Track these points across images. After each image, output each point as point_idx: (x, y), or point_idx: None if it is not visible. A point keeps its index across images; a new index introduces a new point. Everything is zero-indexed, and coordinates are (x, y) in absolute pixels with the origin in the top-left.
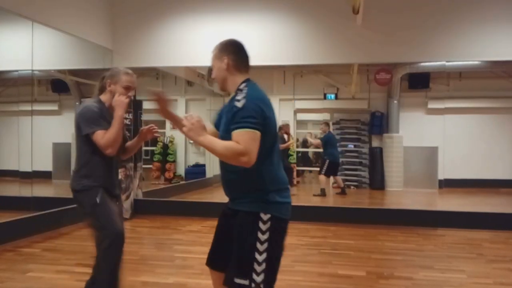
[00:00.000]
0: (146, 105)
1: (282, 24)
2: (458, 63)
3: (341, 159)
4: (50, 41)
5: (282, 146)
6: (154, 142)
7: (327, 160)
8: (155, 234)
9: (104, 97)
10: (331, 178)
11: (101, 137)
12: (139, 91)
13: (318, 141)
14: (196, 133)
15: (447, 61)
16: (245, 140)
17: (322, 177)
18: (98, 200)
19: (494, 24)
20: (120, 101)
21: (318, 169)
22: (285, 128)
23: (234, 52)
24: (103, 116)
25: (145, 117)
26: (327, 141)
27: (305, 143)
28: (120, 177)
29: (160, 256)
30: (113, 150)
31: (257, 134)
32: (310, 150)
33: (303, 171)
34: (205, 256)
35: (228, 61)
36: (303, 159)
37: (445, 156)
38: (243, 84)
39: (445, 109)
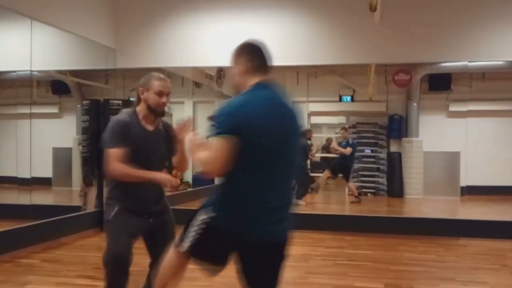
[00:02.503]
0: None
1: (295, 22)
2: (481, 63)
3: (358, 165)
4: (49, 40)
5: (313, 153)
6: None
7: (351, 167)
8: None
9: (139, 108)
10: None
11: (113, 157)
12: None
13: (350, 149)
14: (192, 151)
15: (469, 61)
16: (209, 148)
17: (351, 185)
18: (110, 217)
19: None
20: (166, 179)
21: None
22: (309, 134)
23: (240, 55)
24: (126, 132)
25: None
26: (355, 147)
27: (327, 149)
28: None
29: None
30: (112, 177)
31: (221, 140)
32: (324, 155)
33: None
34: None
35: (239, 66)
36: (321, 165)
37: (467, 161)
38: (248, 88)
39: (467, 112)
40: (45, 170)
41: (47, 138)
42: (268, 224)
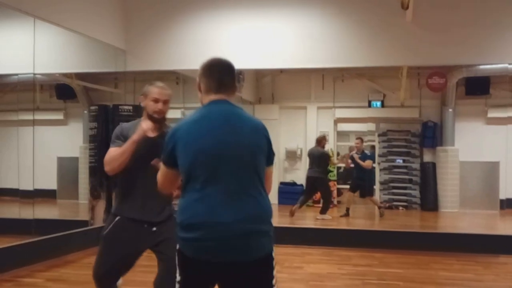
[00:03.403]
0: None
1: (321, 21)
2: None
3: (388, 176)
4: (54, 40)
5: (335, 162)
6: None
7: (372, 181)
8: None
9: (144, 116)
10: (348, 195)
11: (107, 153)
12: None
13: (371, 162)
14: None
15: (510, 63)
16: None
17: (374, 198)
18: (104, 232)
19: None
20: (140, 126)
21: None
22: (323, 141)
23: (200, 75)
24: (125, 134)
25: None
26: (374, 160)
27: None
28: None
29: None
30: (110, 169)
31: (163, 167)
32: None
33: (340, 189)
34: None
35: (199, 85)
36: (345, 175)
37: (507, 172)
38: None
39: (507, 118)
40: (49, 181)
41: (52, 147)
42: (219, 243)
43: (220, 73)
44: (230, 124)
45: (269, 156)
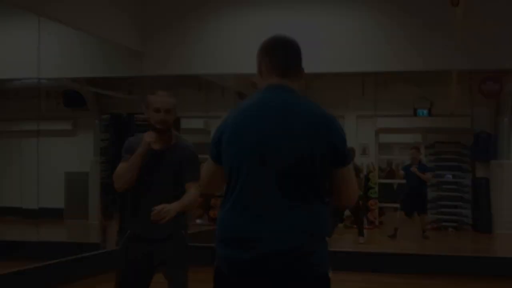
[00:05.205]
0: (185, 124)
1: (361, 19)
2: None
3: (436, 193)
4: (61, 41)
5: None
6: None
7: (427, 195)
8: None
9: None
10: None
11: (117, 168)
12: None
13: (431, 174)
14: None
15: None
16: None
17: (427, 219)
18: (119, 247)
19: None
20: (143, 139)
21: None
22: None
23: (260, 53)
24: (132, 148)
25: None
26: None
27: (408, 171)
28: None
29: None
30: (117, 187)
31: (209, 160)
32: (396, 181)
33: (383, 208)
34: None
35: (257, 66)
36: (386, 192)
37: None
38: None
39: None
40: (55, 199)
41: (58, 161)
42: (257, 262)
43: (285, 52)
44: (280, 119)
45: (335, 158)
